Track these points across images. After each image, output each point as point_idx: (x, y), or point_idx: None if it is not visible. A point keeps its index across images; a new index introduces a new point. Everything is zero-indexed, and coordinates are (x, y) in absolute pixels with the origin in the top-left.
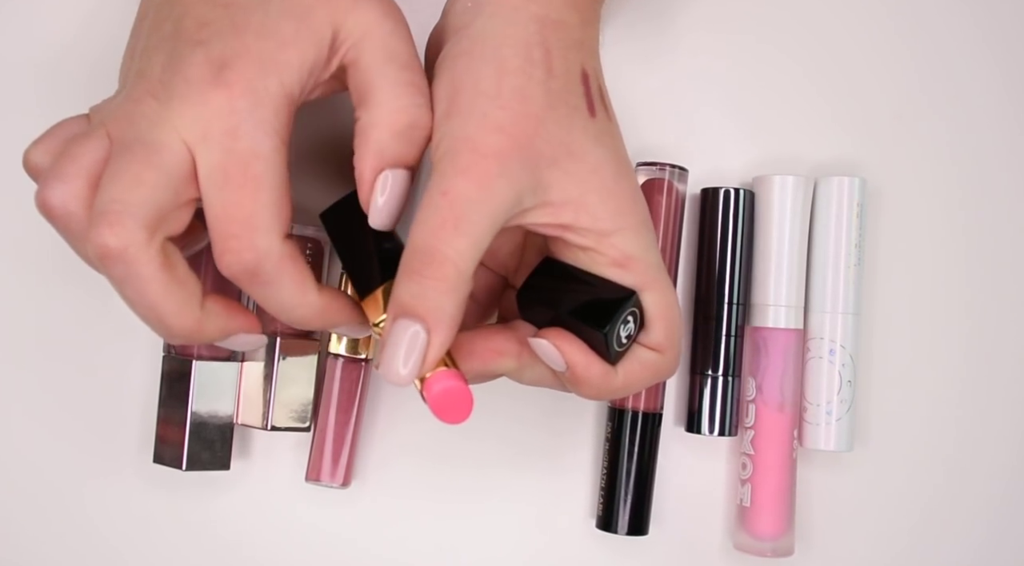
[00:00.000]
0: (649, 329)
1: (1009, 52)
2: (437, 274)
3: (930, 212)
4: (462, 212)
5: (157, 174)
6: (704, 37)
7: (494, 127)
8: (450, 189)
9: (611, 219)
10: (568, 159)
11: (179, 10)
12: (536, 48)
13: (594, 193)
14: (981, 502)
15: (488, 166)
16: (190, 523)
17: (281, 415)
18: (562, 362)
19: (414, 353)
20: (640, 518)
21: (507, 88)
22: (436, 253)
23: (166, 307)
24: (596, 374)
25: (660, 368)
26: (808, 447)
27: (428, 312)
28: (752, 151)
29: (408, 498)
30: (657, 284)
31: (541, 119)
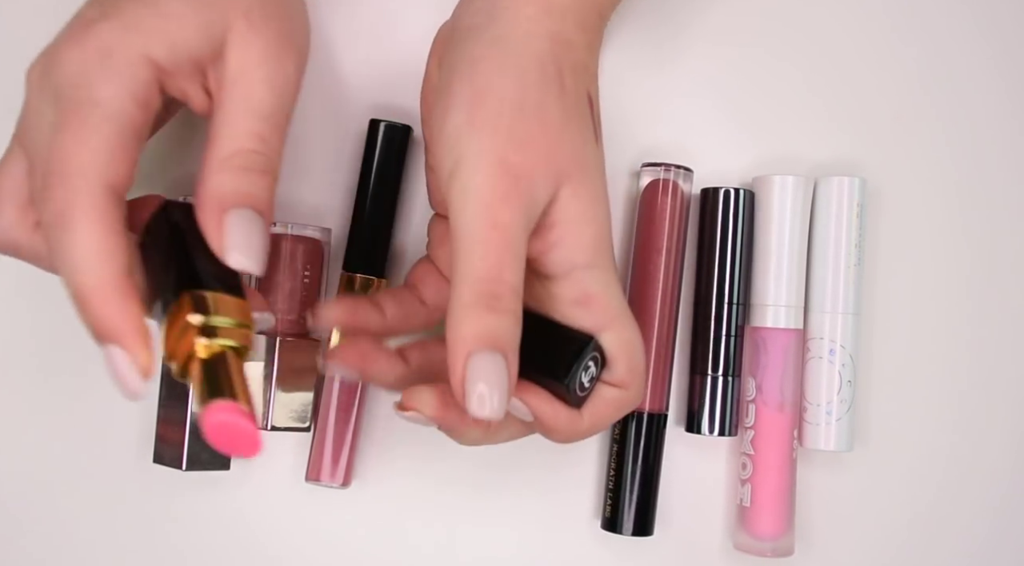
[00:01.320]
0: (611, 367)
1: (1009, 52)
2: (509, 306)
3: (930, 212)
4: (513, 240)
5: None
6: (704, 38)
7: (521, 142)
8: (500, 219)
9: (590, 254)
10: (581, 177)
11: None
12: (550, 64)
13: (587, 222)
14: (981, 502)
15: (521, 187)
16: (190, 523)
17: (281, 415)
18: (529, 415)
19: (502, 385)
20: (645, 519)
21: (530, 102)
22: (504, 286)
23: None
24: (563, 421)
25: (624, 402)
26: (808, 447)
27: (507, 344)
28: (752, 151)
29: (408, 498)
30: (616, 323)
31: (560, 134)
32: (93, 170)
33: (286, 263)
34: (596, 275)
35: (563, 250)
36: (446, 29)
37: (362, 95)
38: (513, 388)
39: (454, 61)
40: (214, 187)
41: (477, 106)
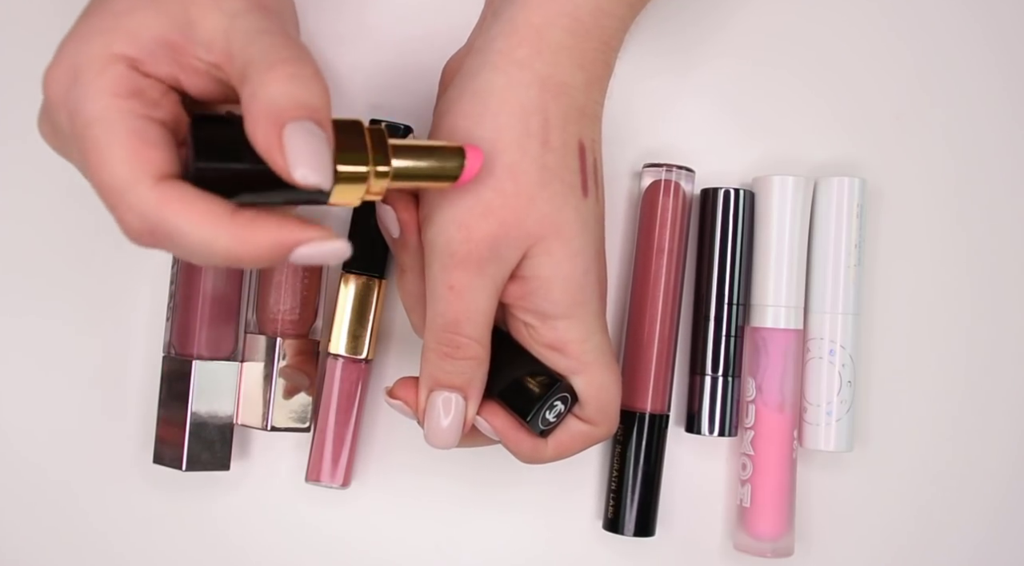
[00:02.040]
0: (583, 406)
1: (1009, 52)
2: (468, 353)
3: (930, 212)
4: (470, 301)
5: None
6: (704, 39)
7: (484, 210)
8: (455, 283)
9: (563, 307)
10: (554, 238)
11: None
12: (534, 117)
13: (562, 280)
14: (981, 502)
15: (481, 252)
16: (190, 523)
17: (281, 415)
18: (495, 435)
19: (458, 420)
20: (647, 519)
21: (500, 166)
22: (461, 341)
23: None
24: (526, 447)
25: (592, 437)
26: (808, 447)
27: (465, 384)
28: (752, 151)
29: (409, 498)
30: (590, 368)
31: (532, 198)
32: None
33: (286, 263)
34: (571, 324)
35: (536, 301)
36: (458, 58)
37: (362, 95)
38: (470, 421)
39: (442, 108)
40: (265, 100)
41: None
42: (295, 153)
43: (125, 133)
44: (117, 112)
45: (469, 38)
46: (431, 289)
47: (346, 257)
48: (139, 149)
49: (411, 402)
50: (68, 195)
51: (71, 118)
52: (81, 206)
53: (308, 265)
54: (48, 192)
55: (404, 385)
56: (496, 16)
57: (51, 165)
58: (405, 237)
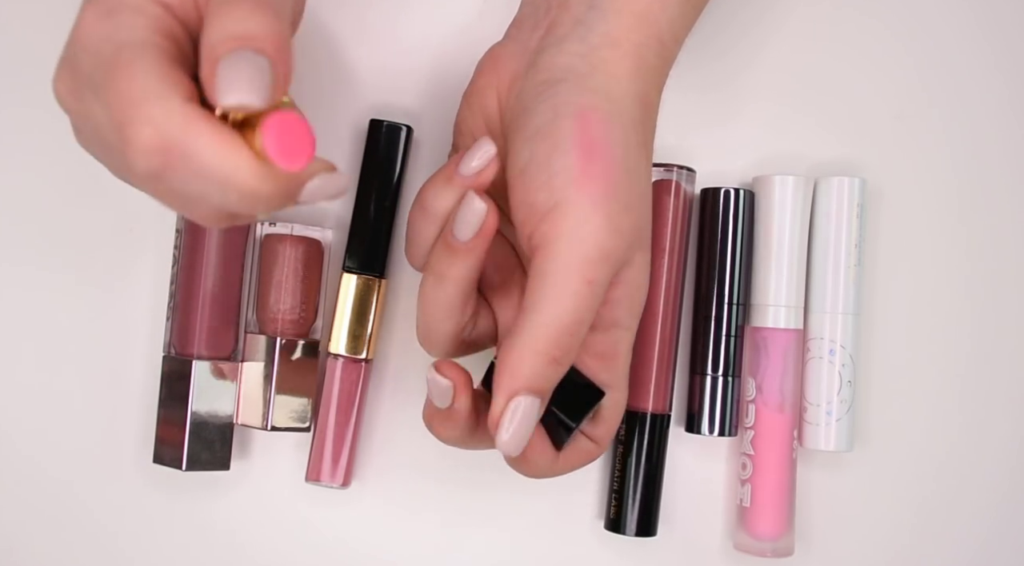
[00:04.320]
0: (597, 423)
1: (1009, 52)
2: (570, 360)
3: (930, 212)
4: (598, 297)
5: None
6: (704, 39)
7: (626, 207)
8: (595, 278)
9: (632, 318)
10: (648, 244)
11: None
12: (641, 128)
13: (642, 289)
14: (981, 502)
15: (620, 249)
16: (190, 523)
17: (281, 415)
18: (450, 394)
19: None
20: (649, 519)
21: (632, 166)
22: (575, 340)
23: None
24: (544, 459)
25: (592, 455)
26: (808, 447)
27: (549, 390)
28: (752, 151)
29: (409, 498)
30: (621, 385)
31: (646, 202)
32: (160, 88)
33: (286, 263)
34: (627, 337)
35: (617, 310)
36: (513, 54)
37: (362, 95)
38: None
39: (558, 103)
40: (204, 41)
41: (591, 157)
42: (224, 83)
43: (159, 54)
44: (152, 41)
45: (510, 31)
46: (559, 285)
47: (344, 192)
48: (172, 70)
49: (460, 385)
50: (68, 195)
51: (100, 47)
52: (82, 206)
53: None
54: (48, 192)
55: (453, 368)
56: (585, 27)
57: (52, 165)
58: (476, 242)
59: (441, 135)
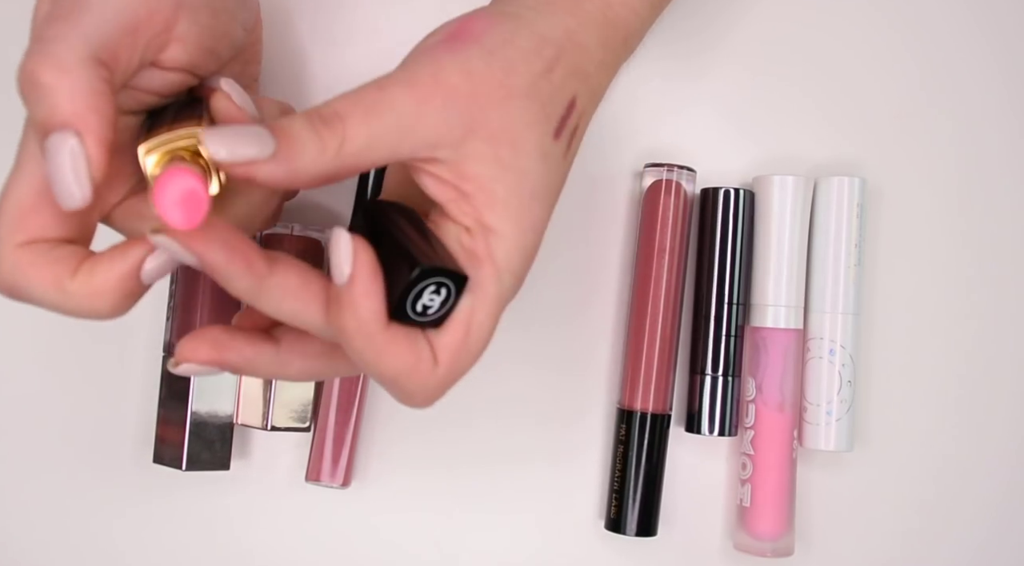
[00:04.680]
0: (442, 332)
1: (1009, 52)
2: (326, 131)
3: (930, 212)
4: (381, 110)
5: None
6: (704, 40)
7: (466, 71)
8: (388, 87)
9: (503, 222)
10: (507, 148)
11: None
12: (549, 47)
13: (504, 190)
14: (981, 502)
15: (434, 94)
16: (190, 523)
17: (281, 415)
18: (347, 269)
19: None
20: (649, 519)
21: (502, 54)
22: (337, 118)
23: None
24: (368, 309)
25: (421, 376)
26: (808, 447)
27: (292, 140)
28: (752, 151)
29: (409, 498)
30: (487, 299)
31: (510, 97)
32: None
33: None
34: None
35: (481, 201)
36: None
37: None
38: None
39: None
40: None
41: (456, 31)
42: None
43: (25, 189)
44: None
45: None
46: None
47: (187, 259)
48: (27, 209)
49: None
50: None
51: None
52: None
53: (164, 274)
54: None
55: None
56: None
57: None
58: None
59: None
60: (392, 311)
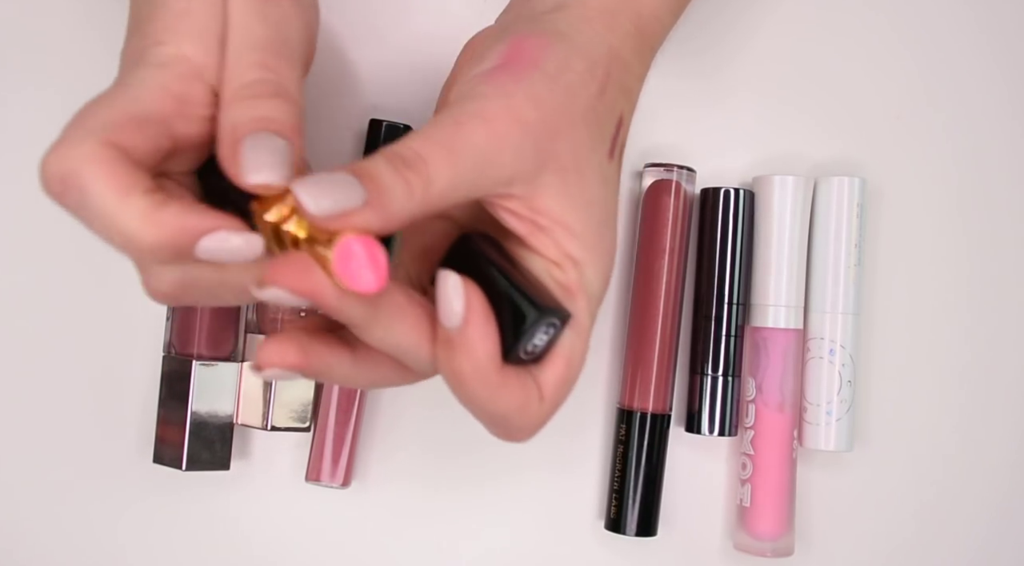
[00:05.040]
0: (545, 367)
1: (1009, 52)
2: (411, 175)
3: (930, 212)
4: (462, 149)
5: None
6: (703, 39)
7: (535, 101)
8: (465, 124)
9: (583, 251)
10: (574, 178)
11: None
12: (599, 68)
13: (581, 222)
14: (981, 502)
15: (510, 130)
16: (190, 523)
17: (281, 415)
18: (460, 311)
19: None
20: (649, 519)
21: (563, 81)
22: (420, 161)
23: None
24: (484, 352)
25: (531, 413)
26: (808, 447)
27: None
28: (752, 151)
29: (409, 499)
30: (583, 331)
31: (574, 125)
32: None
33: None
34: (592, 274)
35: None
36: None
37: (362, 95)
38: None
39: (504, 32)
40: (224, 125)
41: (512, 56)
42: (248, 163)
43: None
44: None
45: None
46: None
47: (257, 254)
48: (125, 118)
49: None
50: None
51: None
52: None
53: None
54: None
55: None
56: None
57: None
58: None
59: None
60: (505, 353)
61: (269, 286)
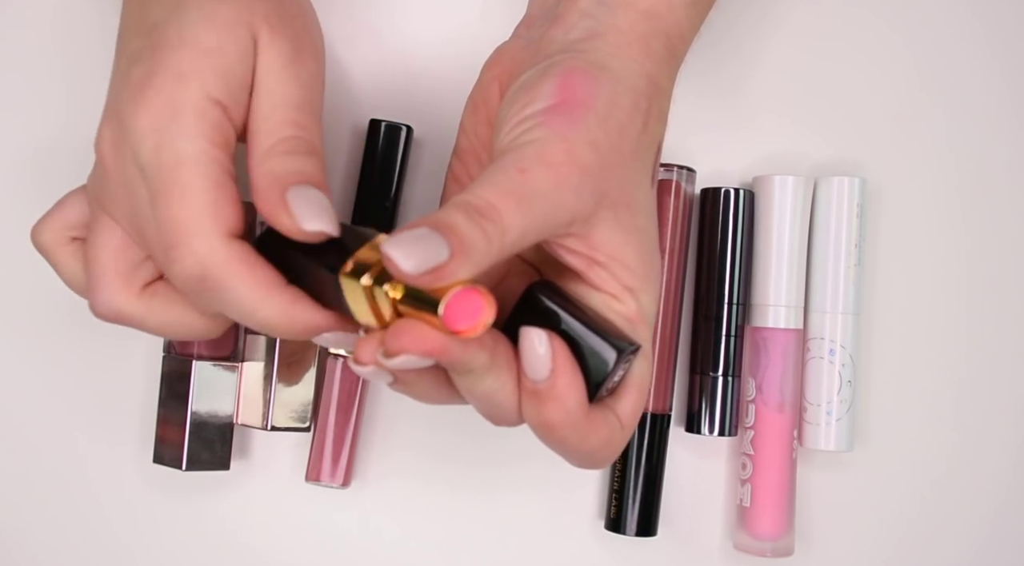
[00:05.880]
0: (620, 397)
1: (1009, 52)
2: (487, 224)
3: (930, 212)
4: (531, 197)
5: None
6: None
7: (592, 144)
8: (529, 171)
9: (638, 280)
10: (625, 211)
11: (120, 48)
12: (642, 100)
13: (633, 253)
14: (981, 502)
15: (571, 173)
16: (190, 523)
17: (281, 415)
18: (548, 365)
19: (431, 258)
20: (649, 519)
21: (614, 119)
22: (493, 211)
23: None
24: (575, 400)
25: (614, 439)
26: (808, 447)
27: (462, 239)
28: (752, 151)
29: (409, 498)
30: (648, 358)
31: (624, 162)
32: (209, 223)
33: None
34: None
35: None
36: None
37: (362, 95)
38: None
39: (549, 64)
40: (266, 174)
41: (564, 98)
42: (301, 210)
43: (212, 183)
44: (209, 160)
45: (518, 30)
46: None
47: (353, 345)
48: (221, 202)
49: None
50: None
51: (157, 151)
52: None
53: (325, 345)
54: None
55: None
56: (593, 19)
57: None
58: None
59: (441, 135)
60: (589, 395)
61: (398, 356)
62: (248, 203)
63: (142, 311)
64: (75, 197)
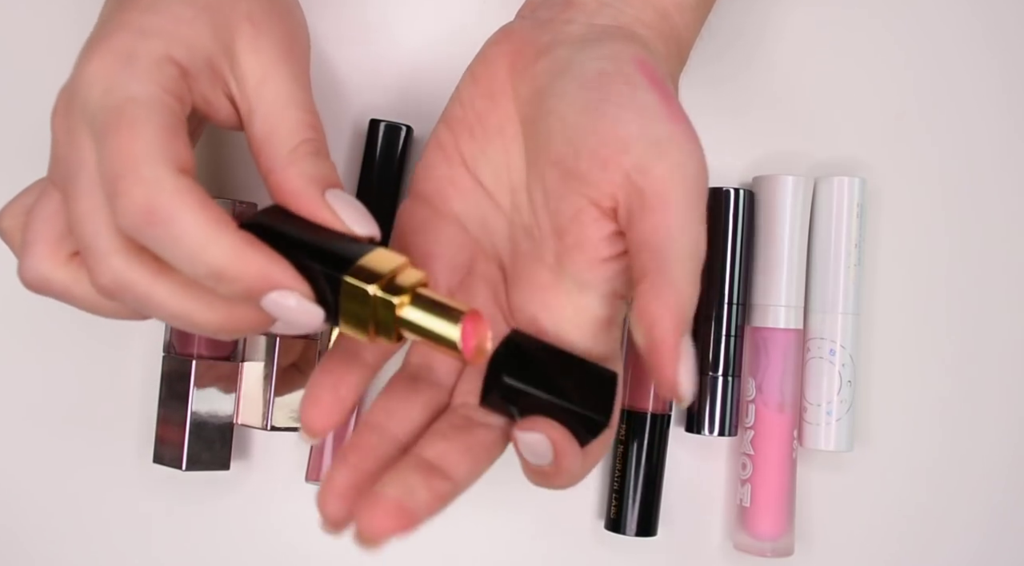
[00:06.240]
0: None
1: (1009, 52)
2: None
3: (930, 212)
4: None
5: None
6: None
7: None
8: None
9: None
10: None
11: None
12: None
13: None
14: (981, 502)
15: None
16: (190, 523)
17: (281, 415)
18: (551, 455)
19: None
20: (649, 519)
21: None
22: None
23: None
24: (575, 462)
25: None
26: (808, 447)
27: None
28: (752, 151)
29: None
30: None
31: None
32: (158, 155)
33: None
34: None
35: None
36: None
37: (362, 95)
38: None
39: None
40: (300, 175)
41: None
42: (346, 212)
43: (161, 119)
44: (160, 102)
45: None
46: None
47: (314, 328)
48: (172, 139)
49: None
50: None
51: (107, 92)
52: None
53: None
54: None
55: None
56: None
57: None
58: None
59: None
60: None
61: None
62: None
63: (67, 280)
64: (38, 184)
